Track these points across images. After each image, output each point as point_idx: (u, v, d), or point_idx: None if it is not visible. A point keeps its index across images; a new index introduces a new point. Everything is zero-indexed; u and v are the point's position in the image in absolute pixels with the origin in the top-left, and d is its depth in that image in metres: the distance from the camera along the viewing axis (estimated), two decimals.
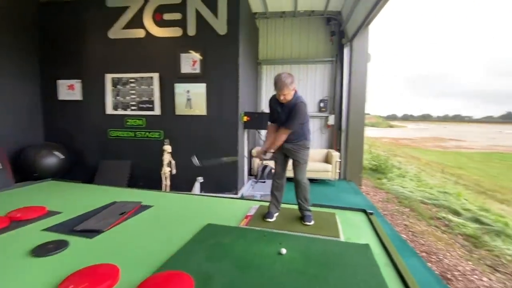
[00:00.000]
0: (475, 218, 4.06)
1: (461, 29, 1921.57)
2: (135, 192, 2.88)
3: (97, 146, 4.25)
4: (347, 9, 5.02)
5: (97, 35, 4.09)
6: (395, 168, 8.33)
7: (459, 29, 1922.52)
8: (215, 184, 3.92)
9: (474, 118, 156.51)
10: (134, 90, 4.04)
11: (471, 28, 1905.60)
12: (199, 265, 1.36)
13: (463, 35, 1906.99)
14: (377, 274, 1.35)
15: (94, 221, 1.93)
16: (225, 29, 3.77)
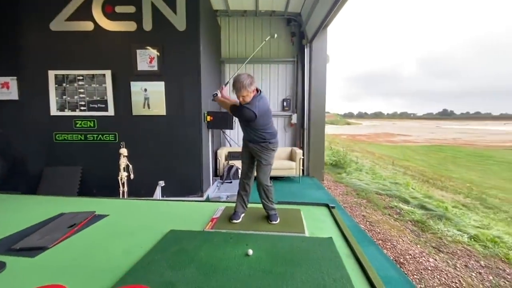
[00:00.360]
0: (421, 205, 4.53)
1: (405, 32, 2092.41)
2: (88, 200, 2.63)
3: (41, 152, 3.78)
4: (306, 11, 5.19)
5: (37, 26, 3.63)
6: (353, 163, 8.91)
7: (403, 32, 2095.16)
8: (178, 187, 3.76)
9: (418, 115, 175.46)
10: (83, 88, 3.68)
11: (414, 31, 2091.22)
12: (161, 276, 1.28)
13: (407, 37, 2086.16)
14: (341, 265, 1.41)
15: (37, 237, 1.72)
16: (184, 25, 3.62)
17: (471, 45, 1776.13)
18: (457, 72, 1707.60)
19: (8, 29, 3.65)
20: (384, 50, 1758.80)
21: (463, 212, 4.46)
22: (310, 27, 5.23)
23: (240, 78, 1.80)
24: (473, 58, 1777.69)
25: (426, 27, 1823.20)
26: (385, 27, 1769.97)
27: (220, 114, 4.20)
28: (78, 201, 2.64)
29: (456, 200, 5.55)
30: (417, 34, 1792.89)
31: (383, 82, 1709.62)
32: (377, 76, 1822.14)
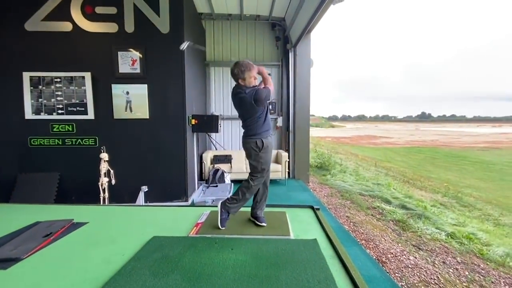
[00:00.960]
0: (402, 205, 4.68)
1: (387, 36, 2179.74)
2: (66, 208, 2.52)
3: (14, 157, 3.59)
4: (290, 16, 5.28)
5: (10, 26, 3.46)
6: (337, 165, 9.09)
7: (384, 36, 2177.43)
8: (162, 192, 3.68)
9: (399, 117, 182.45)
10: (60, 91, 3.53)
11: (395, 35, 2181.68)
12: (142, 284, 1.24)
13: (387, 41, 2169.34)
14: (325, 267, 1.43)
15: (9, 248, 1.62)
16: (168, 28, 3.58)
17: (448, 51, 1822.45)
18: (434, 78, 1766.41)
19: None
20: (367, 56, 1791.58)
21: (441, 211, 4.65)
22: (294, 31, 5.32)
23: (245, 61, 1.86)
24: (447, 64, 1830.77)
25: (408, 33, 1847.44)
26: (369, 33, 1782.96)
27: (206, 117, 4.18)
28: (55, 208, 2.52)
29: (434, 199, 5.79)
30: (399, 41, 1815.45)
31: (366, 87, 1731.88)
32: (360, 81, 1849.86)
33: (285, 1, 5.03)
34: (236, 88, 1.93)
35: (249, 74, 1.86)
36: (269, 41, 6.02)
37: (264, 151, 1.90)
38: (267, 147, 1.91)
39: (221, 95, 6.05)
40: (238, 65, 1.86)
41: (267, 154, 1.93)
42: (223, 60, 5.95)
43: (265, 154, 1.91)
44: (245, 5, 5.30)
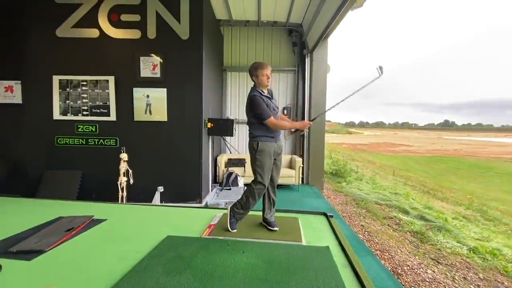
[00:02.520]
0: (421, 216, 4.50)
1: (407, 40, 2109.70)
2: (87, 205, 2.64)
3: (42, 155, 3.81)
4: (307, 22, 5.30)
5: (43, 32, 3.71)
6: (353, 172, 8.90)
7: (405, 41, 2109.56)
8: (177, 193, 3.76)
9: (419, 125, 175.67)
10: (86, 93, 3.73)
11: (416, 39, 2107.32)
12: (156, 282, 1.28)
13: (408, 46, 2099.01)
14: (336, 275, 1.41)
15: (34, 240, 1.72)
16: (187, 34, 3.70)
17: (476, 56, 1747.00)
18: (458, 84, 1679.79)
19: (15, 34, 3.74)
20: (387, 61, 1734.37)
21: (463, 224, 4.43)
22: (311, 37, 5.32)
23: (258, 61, 1.93)
24: (471, 70, 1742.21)
25: (430, 37, 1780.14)
26: (389, 37, 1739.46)
27: (221, 121, 4.25)
28: (76, 205, 2.65)
29: (456, 211, 5.51)
30: (420, 45, 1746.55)
31: (384, 92, 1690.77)
32: (379, 86, 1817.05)
33: (302, 7, 5.06)
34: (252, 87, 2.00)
35: (261, 72, 1.90)
36: (286, 46, 6.05)
37: (260, 154, 1.89)
38: (263, 150, 1.90)
39: (237, 99, 6.13)
40: (253, 63, 1.95)
41: (263, 158, 1.90)
42: (240, 65, 6.05)
43: (260, 157, 1.89)
44: (263, 12, 5.38)
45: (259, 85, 1.94)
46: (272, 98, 2.00)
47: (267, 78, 1.90)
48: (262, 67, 1.89)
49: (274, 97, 2.05)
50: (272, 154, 1.95)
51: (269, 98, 1.96)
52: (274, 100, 2.02)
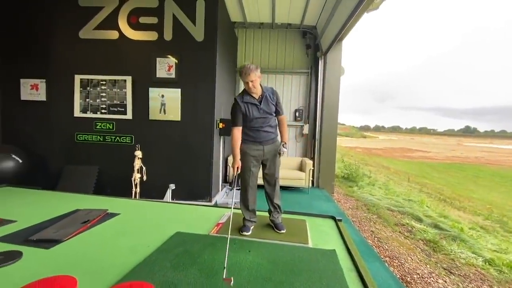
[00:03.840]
0: (435, 224, 4.36)
1: (425, 43, 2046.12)
2: (102, 199, 2.74)
3: (62, 150, 4.01)
4: (321, 24, 5.27)
5: (67, 34, 3.91)
6: (366, 177, 8.72)
7: (423, 43, 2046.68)
8: (188, 191, 3.85)
9: (438, 130, 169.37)
10: (105, 92, 3.89)
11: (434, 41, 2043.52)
12: (164, 275, 1.33)
13: (427, 48, 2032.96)
14: (341, 279, 1.40)
15: (52, 230, 1.82)
16: (202, 36, 3.79)
17: (499, 59, 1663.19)
18: (480, 88, 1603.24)
19: (41, 35, 3.96)
20: (404, 64, 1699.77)
21: (480, 235, 4.25)
22: (325, 39, 5.29)
23: (246, 65, 1.83)
24: (494, 73, 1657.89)
25: (448, 39, 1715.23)
26: (406, 40, 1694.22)
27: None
28: (93, 199, 2.76)
29: (474, 221, 5.30)
30: (438, 47, 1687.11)
31: (401, 96, 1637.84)
32: (395, 90, 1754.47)
33: (317, 10, 5.05)
34: None
35: (242, 79, 1.87)
36: (299, 49, 6.05)
37: (242, 154, 1.94)
38: (245, 152, 1.95)
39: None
40: (239, 67, 1.92)
41: (245, 158, 1.95)
42: None
43: (242, 157, 1.95)
44: (277, 14, 5.40)
45: (248, 89, 1.92)
46: (259, 104, 1.92)
47: (248, 85, 1.86)
48: (242, 75, 1.84)
49: (274, 100, 1.97)
50: (255, 156, 1.96)
51: (254, 105, 1.91)
52: (266, 105, 1.93)
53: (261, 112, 1.91)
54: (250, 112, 1.90)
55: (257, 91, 1.90)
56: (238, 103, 1.91)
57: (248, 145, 1.96)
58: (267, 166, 2.01)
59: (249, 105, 1.91)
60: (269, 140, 1.98)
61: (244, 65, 1.85)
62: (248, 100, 1.91)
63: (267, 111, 1.93)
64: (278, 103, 1.99)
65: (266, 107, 1.92)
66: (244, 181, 2.00)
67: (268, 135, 1.98)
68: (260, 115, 1.92)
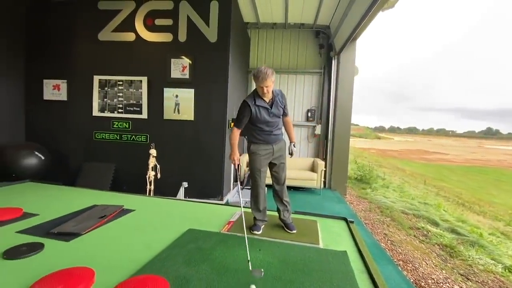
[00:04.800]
0: (452, 229, 4.21)
1: (444, 41, 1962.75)
2: (118, 195, 2.83)
3: (81, 148, 4.17)
4: (335, 23, 5.21)
5: (87, 36, 4.07)
6: (380, 179, 8.54)
7: (441, 42, 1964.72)
8: (200, 189, 3.91)
9: (457, 132, 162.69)
10: (122, 93, 4.02)
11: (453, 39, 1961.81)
12: (176, 270, 1.36)
13: (445, 46, 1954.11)
14: (352, 280, 1.39)
15: (72, 224, 1.90)
16: (215, 37, 3.84)
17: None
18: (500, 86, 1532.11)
19: (62, 38, 4.13)
20: (420, 63, 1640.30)
21: (500, 241, 4.07)
22: (339, 39, 5.23)
23: (261, 70, 1.81)
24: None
25: (467, 37, 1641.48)
26: (423, 38, 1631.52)
27: None
28: (109, 195, 2.85)
29: (494, 227, 5.07)
30: (458, 46, 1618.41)
31: (418, 96, 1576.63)
32: (412, 90, 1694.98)
33: (330, 9, 4.99)
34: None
35: (256, 83, 1.87)
36: (312, 48, 6.00)
37: (252, 154, 1.99)
38: (255, 152, 1.98)
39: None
40: (255, 70, 1.87)
41: (255, 158, 1.98)
42: None
43: (252, 157, 1.99)
44: (290, 14, 5.39)
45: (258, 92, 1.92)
46: (270, 108, 1.93)
47: (262, 90, 1.86)
48: (257, 79, 1.83)
49: (283, 104, 1.99)
50: (265, 155, 1.99)
51: (265, 108, 1.93)
52: (276, 108, 1.95)
53: (271, 116, 1.94)
54: (260, 115, 1.92)
55: (270, 95, 1.92)
56: (249, 106, 1.91)
57: (257, 146, 1.99)
58: (277, 164, 2.04)
59: (260, 109, 1.93)
60: (277, 141, 2.03)
61: (260, 69, 1.82)
62: (260, 103, 1.93)
63: (277, 114, 1.97)
64: (285, 105, 2.02)
65: (276, 110, 1.95)
66: (254, 181, 2.03)
67: (277, 136, 2.02)
68: (271, 119, 1.95)
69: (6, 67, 3.96)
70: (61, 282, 1.15)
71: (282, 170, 2.05)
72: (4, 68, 3.93)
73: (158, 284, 1.17)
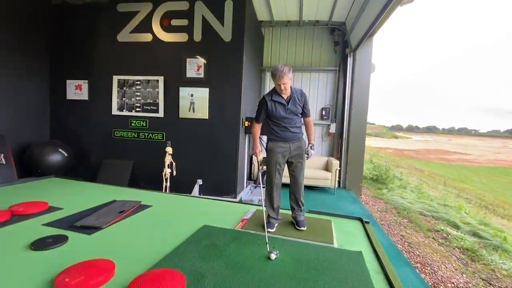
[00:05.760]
0: (474, 232, 4.04)
1: (466, 36, 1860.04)
2: (135, 191, 2.93)
3: (101, 145, 4.34)
4: (351, 20, 5.11)
5: (107, 38, 4.21)
6: (397, 179, 8.30)
7: (464, 37, 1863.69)
8: (214, 187, 3.96)
9: (481, 131, 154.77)
10: (139, 92, 4.14)
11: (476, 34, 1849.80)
12: (192, 264, 1.40)
13: (468, 42, 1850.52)
14: (368, 281, 1.37)
15: (93, 218, 1.98)
16: (230, 36, 3.86)
17: None
18: None
19: (83, 40, 4.30)
20: (441, 60, 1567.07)
21: None
22: (355, 35, 5.11)
23: (278, 68, 1.86)
24: None
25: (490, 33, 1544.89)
26: (444, 34, 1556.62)
27: None
28: (127, 191, 2.95)
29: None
30: (481, 41, 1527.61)
31: (438, 94, 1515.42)
32: (431, 87, 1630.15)
33: (346, 5, 4.89)
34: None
35: (274, 81, 1.92)
36: (327, 46, 5.91)
37: (269, 152, 2.04)
38: (272, 149, 2.03)
39: None
40: (273, 68, 1.91)
41: (272, 155, 2.03)
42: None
43: (269, 154, 2.04)
44: (305, 11, 5.32)
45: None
46: (287, 104, 1.96)
47: (280, 87, 1.90)
48: (274, 77, 1.88)
49: (302, 102, 2.00)
50: (281, 153, 2.02)
51: (281, 104, 1.96)
52: (293, 105, 1.97)
53: (287, 112, 1.96)
54: (276, 111, 1.96)
55: (287, 92, 1.95)
56: (265, 100, 1.98)
57: (274, 143, 2.02)
58: (293, 163, 2.04)
59: (276, 104, 1.96)
60: (295, 139, 2.03)
61: (277, 67, 1.87)
62: (276, 99, 1.96)
63: (294, 111, 1.98)
64: (305, 105, 2.02)
65: (293, 107, 1.97)
66: (270, 178, 2.06)
67: (295, 135, 2.03)
68: (286, 115, 1.97)
69: (33, 69, 4.17)
70: (84, 273, 1.20)
71: (299, 169, 2.05)
72: (31, 70, 4.14)
73: (175, 278, 1.20)
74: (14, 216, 1.96)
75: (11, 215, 1.96)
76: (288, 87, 1.90)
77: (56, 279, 1.17)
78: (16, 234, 1.70)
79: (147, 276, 1.20)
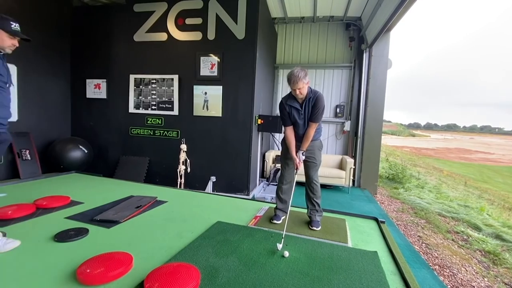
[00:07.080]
0: (497, 235, 3.86)
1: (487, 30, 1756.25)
2: (151, 187, 3.01)
3: (119, 143, 4.47)
4: (367, 14, 4.97)
5: (124, 38, 4.32)
6: (414, 179, 8.05)
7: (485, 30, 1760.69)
8: (227, 184, 4.00)
9: (505, 130, 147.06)
10: (155, 90, 4.23)
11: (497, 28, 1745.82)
12: (206, 259, 1.43)
13: (489, 36, 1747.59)
14: (383, 281, 1.35)
15: (112, 212, 2.06)
16: (243, 34, 3.86)
17: None
18: None
19: (102, 40, 4.44)
20: (462, 54, 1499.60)
21: None
22: (371, 31, 4.98)
23: (294, 72, 1.86)
24: None
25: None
26: (464, 28, 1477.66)
27: (271, 117, 4.32)
28: (144, 187, 3.05)
29: None
30: (503, 34, 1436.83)
31: (458, 90, 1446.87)
32: (451, 83, 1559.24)
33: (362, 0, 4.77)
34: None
35: (290, 85, 1.90)
36: (342, 42, 5.79)
37: (283, 146, 2.12)
38: (286, 146, 2.08)
39: None
40: (289, 73, 1.90)
41: (284, 150, 2.11)
42: (292, 62, 6.01)
43: (283, 148, 2.12)
44: (319, 7, 5.23)
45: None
46: (301, 109, 1.96)
47: (295, 92, 1.90)
48: (290, 82, 1.88)
49: (315, 106, 1.94)
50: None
51: (296, 109, 1.97)
52: (307, 108, 1.95)
53: (300, 118, 1.98)
54: (291, 115, 2.00)
55: (303, 97, 1.95)
56: (283, 104, 2.02)
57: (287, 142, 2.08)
58: (306, 163, 2.06)
59: (292, 109, 1.99)
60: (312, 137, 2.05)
61: (292, 72, 1.87)
62: (291, 103, 1.99)
63: (308, 115, 1.97)
64: (314, 107, 1.93)
65: (307, 111, 1.96)
66: (281, 171, 2.14)
67: (305, 132, 2.04)
68: (300, 120, 1.99)
69: (56, 69, 4.35)
70: (104, 265, 1.25)
71: (310, 168, 2.05)
72: (55, 70, 4.32)
73: (190, 272, 1.23)
74: (39, 209, 2.07)
75: (36, 208, 2.07)
76: (304, 91, 1.90)
77: (78, 269, 1.23)
78: (40, 226, 1.80)
79: (164, 270, 1.23)
